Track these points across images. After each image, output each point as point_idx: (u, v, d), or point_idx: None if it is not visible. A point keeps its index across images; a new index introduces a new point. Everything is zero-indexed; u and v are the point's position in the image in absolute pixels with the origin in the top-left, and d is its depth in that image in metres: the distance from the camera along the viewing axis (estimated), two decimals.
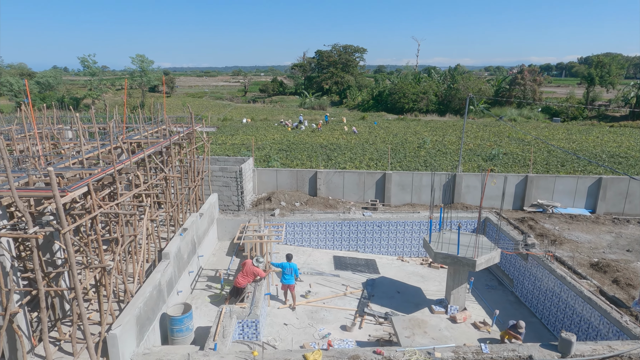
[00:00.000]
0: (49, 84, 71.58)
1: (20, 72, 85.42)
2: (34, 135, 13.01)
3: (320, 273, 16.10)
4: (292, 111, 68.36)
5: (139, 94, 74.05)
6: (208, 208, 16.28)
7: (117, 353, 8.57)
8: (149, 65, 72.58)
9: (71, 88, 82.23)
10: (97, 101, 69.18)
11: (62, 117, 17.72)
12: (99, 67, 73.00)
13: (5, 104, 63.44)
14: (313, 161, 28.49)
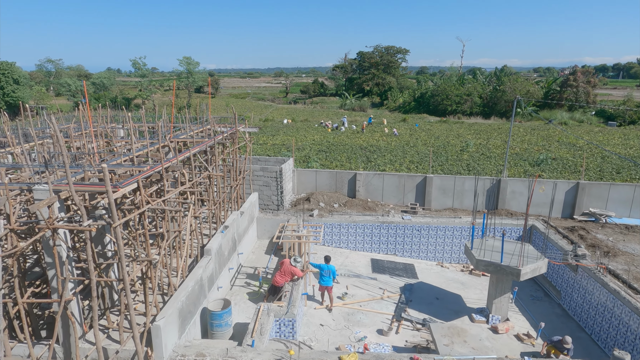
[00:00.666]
0: (104, 84, 75.60)
1: (78, 73, 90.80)
2: (90, 134, 13.79)
3: (357, 275, 16.02)
4: (332, 112, 68.52)
5: (185, 94, 76.74)
6: (248, 207, 16.62)
7: (160, 344, 8.91)
8: (195, 66, 75.04)
9: (123, 89, 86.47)
10: (147, 101, 72.35)
11: (114, 117, 18.66)
12: (149, 68, 76.37)
13: (64, 103, 67.61)
14: (352, 163, 28.41)
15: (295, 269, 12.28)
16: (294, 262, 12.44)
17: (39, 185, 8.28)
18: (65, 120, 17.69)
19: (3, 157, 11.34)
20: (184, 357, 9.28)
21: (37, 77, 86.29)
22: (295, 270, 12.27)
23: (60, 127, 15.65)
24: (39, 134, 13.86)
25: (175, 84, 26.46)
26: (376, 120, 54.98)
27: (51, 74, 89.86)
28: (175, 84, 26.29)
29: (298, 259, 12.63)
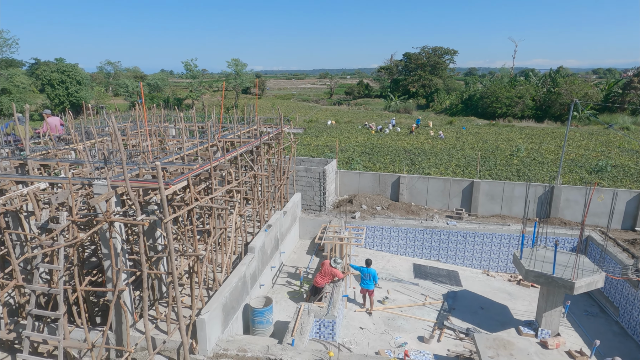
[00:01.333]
0: (157, 85, 79.31)
1: (135, 74, 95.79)
2: (144, 132, 14.50)
3: (398, 280, 15.79)
4: (376, 114, 68.00)
5: (232, 95, 78.97)
6: (291, 207, 16.82)
7: (204, 337, 9.22)
8: (243, 68, 77.05)
9: (175, 89, 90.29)
10: (197, 102, 75.10)
11: (167, 116, 19.48)
12: (199, 70, 79.25)
13: (121, 103, 71.51)
14: (396, 165, 28.04)
15: (335, 270, 12.28)
16: (334, 263, 12.45)
17: (98, 180, 8.80)
18: (122, 119, 18.69)
19: (67, 153, 12.16)
20: (226, 351, 9.53)
21: (97, 78, 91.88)
22: (336, 271, 12.27)
23: (118, 126, 16.56)
24: (99, 132, 14.73)
25: (224, 86, 27.24)
26: (421, 123, 53.97)
27: (110, 75, 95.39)
28: (224, 85, 27.07)
29: (338, 260, 12.63)
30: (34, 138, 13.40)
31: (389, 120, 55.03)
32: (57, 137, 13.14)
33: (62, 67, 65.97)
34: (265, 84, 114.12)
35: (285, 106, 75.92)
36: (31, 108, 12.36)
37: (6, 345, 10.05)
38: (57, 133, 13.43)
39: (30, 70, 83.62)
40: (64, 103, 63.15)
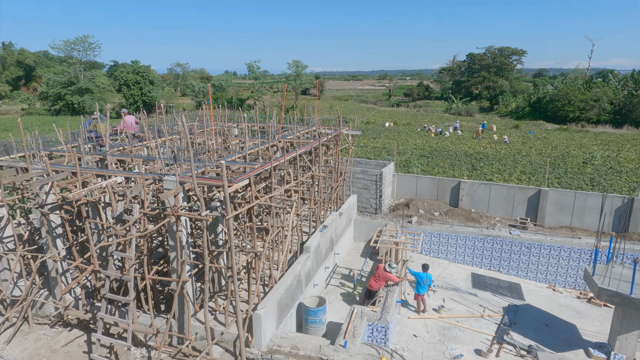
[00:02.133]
0: (221, 86, 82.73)
1: (201, 75, 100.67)
2: (210, 132, 15.20)
3: (455, 289, 15.26)
4: (436, 116, 66.20)
5: (292, 96, 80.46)
6: (347, 208, 16.83)
7: (259, 331, 9.48)
8: (303, 69, 78.22)
9: (238, 90, 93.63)
10: (258, 102, 77.40)
11: (230, 116, 20.25)
12: (261, 71, 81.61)
13: (188, 103, 75.41)
14: (456, 170, 27.13)
15: (390, 274, 12.12)
16: (389, 267, 12.28)
17: (167, 176, 9.35)
18: (189, 118, 19.71)
19: (140, 149, 13.05)
20: (280, 347, 9.73)
21: (167, 79, 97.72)
22: (391, 276, 12.10)
23: (187, 125, 17.48)
24: (169, 131, 15.64)
25: (286, 87, 27.85)
26: (486, 127, 51.77)
27: (179, 76, 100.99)
28: (286, 87, 27.68)
29: (393, 264, 12.44)
30: (112, 135, 14.50)
31: (450, 123, 53.32)
32: (132, 134, 14.12)
33: (137, 68, 70.88)
34: (324, 85, 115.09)
35: (343, 107, 76.06)
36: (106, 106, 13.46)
37: (83, 324, 10.97)
38: (132, 131, 14.43)
39: (109, 71, 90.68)
40: (138, 102, 67.78)
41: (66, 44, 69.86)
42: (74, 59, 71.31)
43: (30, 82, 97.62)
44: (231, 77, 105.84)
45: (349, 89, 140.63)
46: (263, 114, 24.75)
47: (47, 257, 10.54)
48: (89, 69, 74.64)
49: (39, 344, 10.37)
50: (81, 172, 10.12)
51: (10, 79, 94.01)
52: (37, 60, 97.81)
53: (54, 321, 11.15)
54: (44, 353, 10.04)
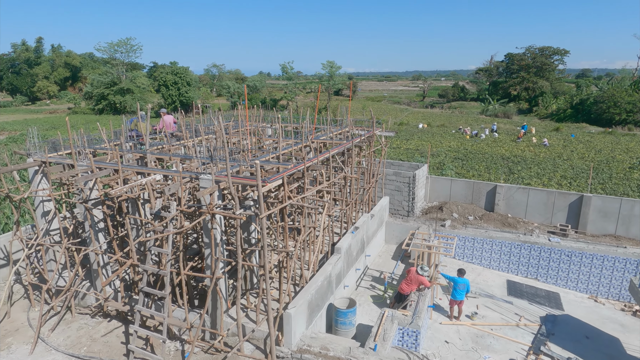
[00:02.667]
0: (256, 86, 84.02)
1: (236, 76, 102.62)
2: (244, 132, 15.46)
3: (489, 296, 14.84)
4: (471, 118, 64.64)
5: (325, 96, 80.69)
6: (379, 210, 16.70)
7: (290, 330, 9.55)
8: (337, 70, 78.27)
9: (271, 91, 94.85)
10: (291, 103, 78.07)
11: (264, 116, 20.52)
12: (295, 72, 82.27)
13: (223, 103, 77.03)
14: (492, 173, 26.40)
15: (422, 278, 11.92)
16: (421, 270, 12.07)
17: (204, 175, 9.59)
18: (224, 118, 20.10)
19: (178, 148, 13.44)
20: (309, 347, 9.78)
21: (204, 80, 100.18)
22: (423, 279, 11.91)
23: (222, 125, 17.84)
24: (205, 130, 16.02)
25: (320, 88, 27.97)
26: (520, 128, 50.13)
27: (215, 77, 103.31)
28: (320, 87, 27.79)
29: (425, 268, 12.22)
30: (152, 134, 15.00)
31: (487, 125, 51.94)
32: (170, 133, 14.56)
33: (175, 69, 73.10)
34: (357, 85, 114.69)
35: (376, 108, 75.55)
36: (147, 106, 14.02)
37: (121, 316, 11.41)
38: (171, 130, 14.88)
39: (149, 72, 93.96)
40: (175, 102, 69.87)
41: (110, 46, 72.95)
42: (116, 61, 74.35)
43: (77, 82, 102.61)
44: (265, 78, 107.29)
45: (382, 89, 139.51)
46: (296, 114, 24.94)
47: (90, 250, 11.03)
48: (131, 70, 77.60)
49: (80, 333, 10.87)
50: (123, 170, 10.52)
51: (58, 79, 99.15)
52: (83, 62, 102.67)
53: (95, 311, 11.65)
54: (85, 342, 10.51)
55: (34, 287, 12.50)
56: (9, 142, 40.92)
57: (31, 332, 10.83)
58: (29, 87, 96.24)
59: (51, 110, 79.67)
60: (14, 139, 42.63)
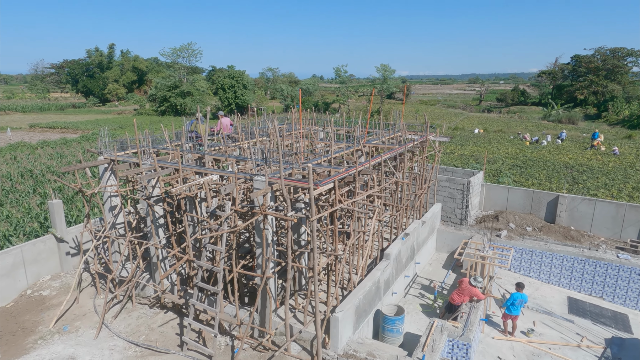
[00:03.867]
0: (309, 90, 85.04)
1: (289, 79, 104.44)
2: (297, 135, 15.72)
3: (548, 312, 14.01)
4: (532, 124, 61.41)
5: (377, 100, 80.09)
6: (430, 217, 16.31)
7: (336, 334, 9.57)
8: (391, 74, 77.48)
9: (324, 94, 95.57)
10: (343, 106, 78.27)
11: (316, 120, 20.72)
12: (348, 75, 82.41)
13: (277, 106, 78.65)
14: (553, 182, 24.94)
15: (475, 290, 11.49)
16: (474, 281, 11.64)
17: (257, 176, 9.86)
18: (278, 121, 20.55)
19: (234, 150, 13.93)
20: (355, 352, 9.73)
21: (259, 83, 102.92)
22: (476, 291, 11.47)
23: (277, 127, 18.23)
24: (260, 132, 16.47)
25: (374, 92, 27.81)
26: (587, 135, 46.89)
27: (269, 80, 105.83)
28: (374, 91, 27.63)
29: (479, 279, 11.77)
30: (210, 135, 15.65)
31: (549, 131, 49.10)
32: (227, 135, 15.11)
33: (232, 73, 75.77)
34: (411, 89, 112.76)
35: (430, 112, 73.87)
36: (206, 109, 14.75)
37: (176, 308, 11.98)
38: (227, 132, 15.44)
39: (208, 75, 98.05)
40: (232, 105, 72.36)
41: (173, 51, 77.00)
42: (178, 65, 78.32)
43: (142, 85, 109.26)
44: (318, 81, 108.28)
45: (436, 93, 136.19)
46: (348, 117, 24.98)
47: (150, 244, 11.70)
48: (191, 73, 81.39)
49: (139, 322, 11.54)
50: (183, 169, 11.07)
51: (126, 82, 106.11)
52: (149, 66, 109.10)
53: (153, 302, 12.32)
54: (143, 330, 11.14)
55: (100, 276, 13.45)
56: (82, 140, 44.36)
57: (96, 318, 11.65)
58: (100, 89, 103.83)
59: (119, 111, 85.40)
60: (86, 137, 46.14)
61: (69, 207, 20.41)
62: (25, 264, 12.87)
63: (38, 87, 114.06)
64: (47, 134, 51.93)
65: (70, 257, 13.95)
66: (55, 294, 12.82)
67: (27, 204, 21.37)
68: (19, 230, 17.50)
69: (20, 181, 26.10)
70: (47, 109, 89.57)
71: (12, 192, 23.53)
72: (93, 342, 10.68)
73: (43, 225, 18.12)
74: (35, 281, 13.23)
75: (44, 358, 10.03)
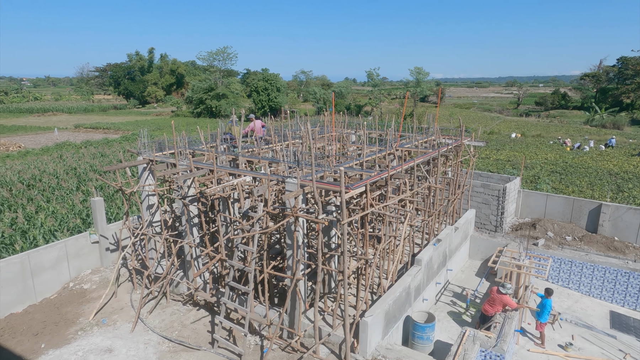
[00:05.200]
0: (341, 92, 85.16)
1: (322, 82, 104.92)
2: (329, 137, 15.76)
3: (588, 326, 13.38)
4: (573, 128, 58.95)
5: (410, 103, 79.17)
6: (464, 223, 15.94)
7: (365, 339, 9.50)
8: (425, 77, 76.43)
9: (356, 97, 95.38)
10: (375, 109, 77.85)
11: (348, 123, 20.71)
12: (381, 78, 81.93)
13: (309, 108, 79.12)
14: (596, 190, 23.85)
15: (507, 298, 11.10)
16: (502, 288, 11.21)
17: (290, 178, 9.95)
18: (311, 124, 20.68)
19: (266, 152, 14.13)
20: (384, 358, 9.64)
21: (292, 86, 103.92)
22: (508, 300, 11.09)
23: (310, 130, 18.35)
24: (292, 135, 16.62)
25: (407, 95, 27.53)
26: (635, 141, 44.53)
27: (302, 83, 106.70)
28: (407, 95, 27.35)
29: (507, 285, 11.31)
30: (244, 137, 15.94)
31: (593, 136, 46.97)
32: (260, 137, 15.34)
33: (266, 76, 76.90)
34: (445, 92, 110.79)
35: (465, 116, 72.26)
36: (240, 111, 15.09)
37: (208, 306, 12.25)
38: (260, 134, 15.69)
39: (242, 78, 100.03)
40: (265, 107, 73.41)
41: (209, 55, 78.99)
42: (214, 68, 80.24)
43: (180, 88, 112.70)
44: (350, 84, 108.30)
45: (471, 96, 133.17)
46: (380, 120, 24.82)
47: (185, 242, 12.02)
48: (226, 76, 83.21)
49: (173, 318, 11.87)
50: (217, 170, 11.33)
51: (165, 85, 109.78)
52: (186, 69, 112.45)
53: (186, 299, 12.65)
54: (176, 327, 11.45)
55: (136, 271, 13.93)
56: (122, 140, 46.19)
57: (132, 312, 12.08)
58: (140, 92, 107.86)
59: (157, 113, 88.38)
60: (126, 138, 48.00)
61: (109, 204, 21.28)
62: (68, 258, 13.51)
63: (83, 90, 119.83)
64: (91, 134, 54.39)
65: (109, 253, 14.54)
66: (95, 287, 13.38)
67: (71, 200, 22.44)
68: (64, 225, 18.40)
69: (66, 179, 27.46)
70: (91, 110, 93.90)
71: (58, 189, 24.78)
72: (129, 335, 11.07)
73: (85, 221, 18.98)
74: (77, 275, 13.87)
75: (84, 348, 10.49)
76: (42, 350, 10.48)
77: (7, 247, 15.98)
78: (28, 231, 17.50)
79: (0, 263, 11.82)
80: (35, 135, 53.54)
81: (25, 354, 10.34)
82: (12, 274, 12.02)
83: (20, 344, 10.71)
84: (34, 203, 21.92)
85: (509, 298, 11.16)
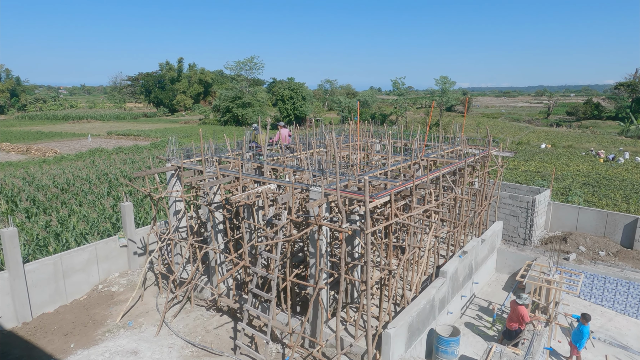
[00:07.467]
0: (366, 101, 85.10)
1: (347, 91, 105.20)
2: (354, 147, 15.75)
3: (622, 346, 12.77)
4: (607, 139, 56.93)
5: (436, 112, 78.32)
6: (491, 235, 15.57)
7: (388, 351, 9.36)
8: (451, 86, 75.54)
9: (381, 106, 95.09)
10: (400, 118, 77.37)
11: (373, 132, 20.66)
12: (406, 87, 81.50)
13: (334, 117, 79.39)
14: (632, 204, 22.89)
15: (523, 310, 10.64)
16: (519, 299, 10.78)
17: (314, 187, 9.99)
18: (335, 133, 20.73)
19: (291, 160, 14.24)
20: None
21: (317, 95, 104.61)
22: (522, 310, 10.62)
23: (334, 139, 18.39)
24: (317, 144, 16.70)
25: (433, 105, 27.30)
26: None
27: (327, 92, 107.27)
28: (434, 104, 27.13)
29: (523, 296, 10.84)
30: (269, 145, 16.12)
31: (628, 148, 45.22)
32: (285, 145, 15.48)
33: (292, 85, 77.70)
34: (472, 101, 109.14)
35: (492, 125, 70.90)
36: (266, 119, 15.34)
37: (231, 312, 12.35)
38: (286, 142, 15.83)
39: (268, 87, 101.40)
40: (290, 116, 74.08)
41: (237, 64, 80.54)
42: (241, 77, 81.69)
43: (207, 96, 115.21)
44: (376, 93, 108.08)
45: (499, 105, 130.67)
46: (406, 130, 24.65)
47: (210, 248, 12.20)
48: (253, 85, 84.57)
49: (196, 323, 12.02)
50: (243, 178, 11.48)
51: (193, 94, 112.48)
52: (214, 78, 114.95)
53: (210, 305, 12.80)
54: (200, 332, 11.58)
55: (162, 276, 14.21)
56: (151, 147, 47.46)
57: (158, 316, 12.30)
58: (170, 100, 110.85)
59: (185, 120, 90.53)
60: (155, 145, 49.31)
61: (138, 209, 21.85)
62: (98, 261, 13.92)
63: (116, 98, 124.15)
64: (122, 141, 56.15)
65: (137, 257, 14.89)
66: (123, 290, 13.72)
67: (102, 205, 23.17)
68: (94, 229, 18.99)
69: (97, 183, 28.39)
70: (123, 118, 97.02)
71: (90, 194, 25.64)
72: (154, 338, 11.27)
73: (115, 225, 19.54)
74: (106, 277, 14.25)
75: (110, 350, 10.74)
76: (71, 350, 10.79)
77: (41, 248, 16.60)
78: (61, 234, 18.14)
79: (35, 264, 12.28)
80: (70, 141, 55.68)
81: (56, 353, 10.67)
82: (46, 275, 12.47)
83: (51, 343, 11.07)
84: (67, 207, 22.73)
85: (525, 309, 10.76)
